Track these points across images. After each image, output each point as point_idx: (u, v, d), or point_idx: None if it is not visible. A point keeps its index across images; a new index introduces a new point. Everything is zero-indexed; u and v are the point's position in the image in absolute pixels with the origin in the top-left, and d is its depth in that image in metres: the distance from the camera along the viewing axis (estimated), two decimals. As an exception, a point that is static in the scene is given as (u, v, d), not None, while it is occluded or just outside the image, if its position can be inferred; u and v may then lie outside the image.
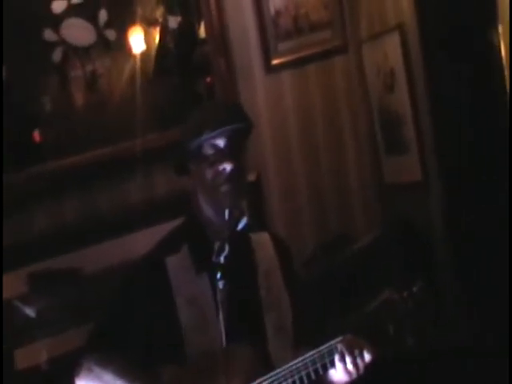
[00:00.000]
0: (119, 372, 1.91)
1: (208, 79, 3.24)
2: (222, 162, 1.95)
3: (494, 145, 2.95)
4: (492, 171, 2.93)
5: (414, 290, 1.98)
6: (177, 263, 2.00)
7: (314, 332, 2.04)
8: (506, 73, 2.92)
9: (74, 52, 3.00)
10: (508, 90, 2.92)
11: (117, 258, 2.77)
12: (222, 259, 1.86)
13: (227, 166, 1.95)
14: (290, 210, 3.29)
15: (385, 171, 3.39)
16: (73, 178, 2.94)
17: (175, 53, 3.17)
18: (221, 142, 1.97)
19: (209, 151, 1.97)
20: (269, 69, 3.30)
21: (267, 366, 1.92)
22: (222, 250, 1.87)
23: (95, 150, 2.99)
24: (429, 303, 1.99)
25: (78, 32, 2.99)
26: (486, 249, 2.89)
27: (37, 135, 2.98)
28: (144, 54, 3.11)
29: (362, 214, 3.40)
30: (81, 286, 2.83)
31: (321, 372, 1.89)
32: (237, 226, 1.92)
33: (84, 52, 3.02)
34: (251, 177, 3.10)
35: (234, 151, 1.98)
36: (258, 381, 1.88)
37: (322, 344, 1.91)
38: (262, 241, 2.12)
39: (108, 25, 3.03)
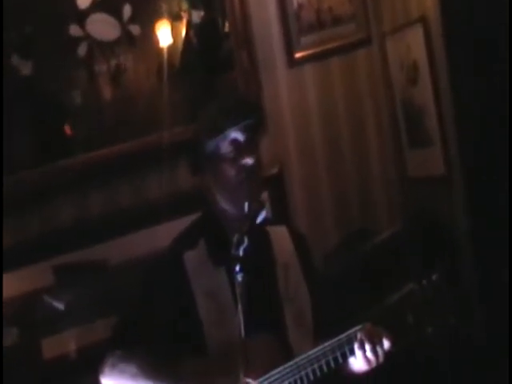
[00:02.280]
0: (142, 366, 1.94)
1: (233, 74, 3.23)
2: (242, 157, 1.97)
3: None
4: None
5: (434, 278, 1.97)
6: (194, 258, 2.01)
7: (334, 324, 2.03)
8: None
9: (99, 47, 3.03)
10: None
11: (142, 249, 2.79)
12: (240, 252, 1.85)
13: (248, 161, 1.96)
14: (312, 203, 3.29)
15: (408, 165, 3.37)
16: (100, 171, 2.97)
17: (199, 48, 3.19)
18: (240, 137, 1.98)
19: (228, 148, 1.98)
20: (291, 62, 3.30)
21: (288, 357, 1.93)
22: (240, 242, 1.86)
23: (122, 144, 3.03)
24: (448, 292, 1.98)
25: (103, 27, 3.03)
26: (510, 244, 2.88)
27: (68, 128, 3.03)
28: (168, 49, 3.13)
29: (385, 208, 3.38)
30: (106, 278, 2.87)
31: (340, 360, 1.89)
32: (256, 218, 1.92)
33: (108, 47, 3.05)
34: (273, 170, 3.14)
35: (253, 145, 2.00)
36: (278, 369, 1.89)
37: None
38: (280, 234, 2.13)
39: (132, 20, 3.06)
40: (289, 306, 2.02)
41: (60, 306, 2.80)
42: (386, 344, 1.91)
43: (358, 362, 1.92)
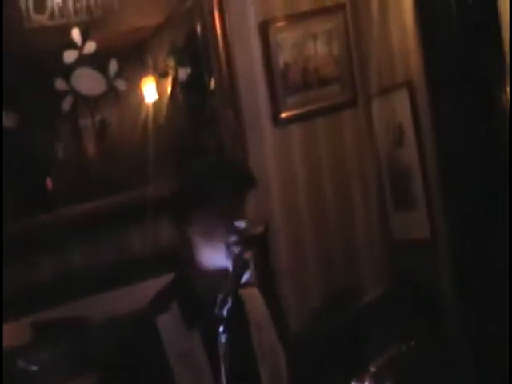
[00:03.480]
0: None
1: (218, 131, 3.23)
2: (230, 221, 1.97)
3: (504, 202, 2.92)
4: (502, 229, 2.89)
5: (412, 344, 1.98)
6: (168, 321, 2.00)
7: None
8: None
9: (84, 101, 3.01)
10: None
11: (123, 307, 2.73)
12: (224, 312, 1.84)
13: (239, 224, 1.97)
14: (296, 263, 3.25)
15: (393, 227, 3.36)
16: (81, 225, 2.92)
17: (185, 104, 3.19)
18: (229, 203, 1.99)
19: (215, 212, 1.98)
20: (277, 122, 3.29)
21: None
22: (224, 303, 1.85)
23: (104, 199, 2.99)
24: (426, 357, 1.97)
25: (88, 82, 3.01)
26: (495, 307, 2.85)
27: (49, 182, 2.98)
28: (154, 105, 3.12)
29: (370, 270, 3.35)
30: (85, 335, 2.80)
31: None
32: (241, 278, 1.93)
33: (93, 101, 3.03)
34: (258, 229, 3.11)
35: (241, 210, 2.02)
36: None
37: None
38: (252, 295, 2.14)
39: (118, 75, 3.04)
40: (264, 365, 2.02)
41: (34, 364, 2.70)
42: None
43: None
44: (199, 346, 1.97)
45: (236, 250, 1.96)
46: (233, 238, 1.97)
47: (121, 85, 3.06)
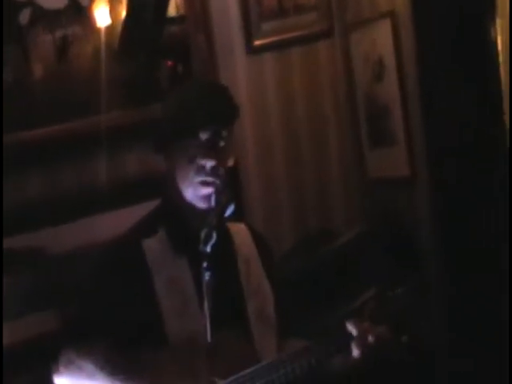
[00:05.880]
0: (99, 363, 1.83)
1: (169, 63, 3.06)
2: (207, 156, 1.87)
3: (485, 140, 2.83)
4: (484, 166, 2.81)
5: (399, 291, 1.90)
6: (154, 246, 1.93)
7: (296, 322, 2.02)
8: (504, 68, 2.81)
9: (44, 15, 2.76)
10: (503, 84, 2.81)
11: (84, 239, 2.65)
12: (208, 248, 1.76)
13: (210, 162, 1.87)
14: (268, 199, 3.13)
15: (369, 165, 3.23)
16: (35, 152, 2.73)
17: (141, 29, 2.97)
18: (210, 137, 1.89)
19: (195, 142, 1.88)
20: (251, 49, 3.13)
21: (250, 351, 1.90)
22: (208, 238, 1.76)
23: (59, 125, 2.78)
24: (415, 303, 1.90)
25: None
26: (475, 249, 2.78)
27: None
28: (110, 28, 2.90)
29: (345, 209, 3.25)
30: (42, 268, 2.66)
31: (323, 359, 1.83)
32: (224, 212, 1.83)
33: (54, 16, 2.78)
34: (229, 162, 2.94)
35: (221, 143, 1.91)
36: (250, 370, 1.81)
37: (305, 335, 1.91)
38: (240, 230, 2.08)
39: (81, -11, 2.81)
40: (251, 300, 1.98)
41: None
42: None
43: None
44: (187, 274, 1.90)
45: (204, 190, 1.87)
46: (201, 178, 1.88)
47: (83, 0, 2.82)
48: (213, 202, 1.84)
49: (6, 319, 2.58)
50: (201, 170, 1.87)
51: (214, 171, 1.87)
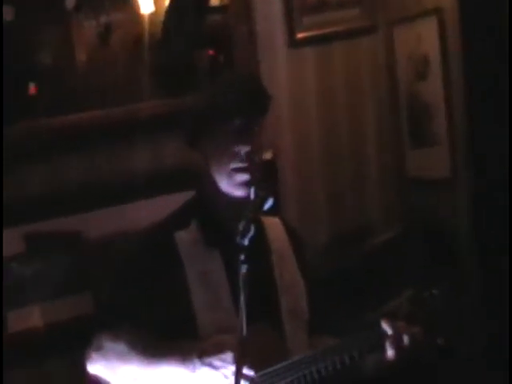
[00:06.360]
0: (131, 344, 1.84)
1: (210, 52, 3.04)
2: (241, 143, 1.86)
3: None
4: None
5: (436, 292, 1.88)
6: (187, 238, 1.93)
7: (329, 319, 2.01)
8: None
9: (89, 0, 2.75)
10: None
11: (118, 225, 2.67)
12: (246, 241, 1.71)
13: (244, 148, 1.85)
14: (305, 194, 3.09)
15: (409, 164, 3.17)
16: (73, 137, 2.72)
17: (183, 17, 2.96)
18: (243, 125, 1.87)
19: (228, 129, 1.87)
20: (292, 42, 3.10)
21: (282, 346, 1.88)
22: (246, 231, 1.71)
23: (98, 110, 2.78)
24: (451, 304, 1.88)
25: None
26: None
27: (33, 88, 2.74)
28: (153, 15, 2.88)
29: (382, 208, 3.19)
30: (77, 252, 2.68)
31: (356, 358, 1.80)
32: (263, 205, 1.79)
33: (99, 2, 2.78)
34: (267, 155, 2.91)
35: (253, 133, 1.89)
36: (281, 364, 1.79)
37: (338, 332, 1.89)
38: (274, 224, 2.06)
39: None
40: (284, 295, 1.96)
41: (26, 275, 2.60)
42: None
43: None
44: (220, 267, 1.89)
45: (239, 177, 1.86)
46: (236, 165, 1.86)
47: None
48: (252, 194, 1.80)
49: (42, 301, 2.63)
50: (235, 156, 1.86)
51: (248, 157, 1.86)
